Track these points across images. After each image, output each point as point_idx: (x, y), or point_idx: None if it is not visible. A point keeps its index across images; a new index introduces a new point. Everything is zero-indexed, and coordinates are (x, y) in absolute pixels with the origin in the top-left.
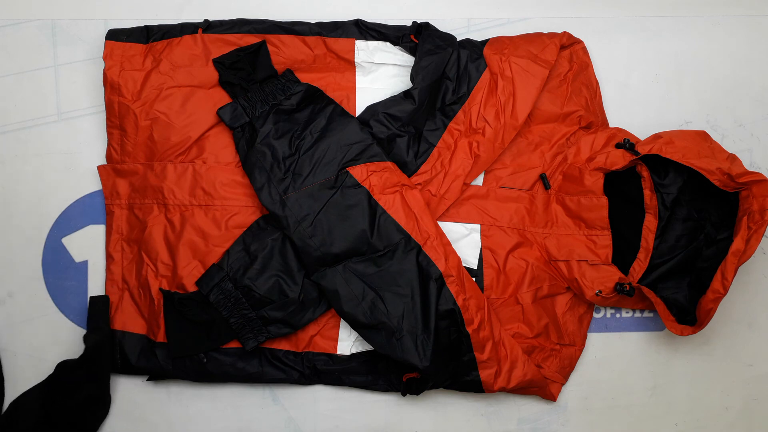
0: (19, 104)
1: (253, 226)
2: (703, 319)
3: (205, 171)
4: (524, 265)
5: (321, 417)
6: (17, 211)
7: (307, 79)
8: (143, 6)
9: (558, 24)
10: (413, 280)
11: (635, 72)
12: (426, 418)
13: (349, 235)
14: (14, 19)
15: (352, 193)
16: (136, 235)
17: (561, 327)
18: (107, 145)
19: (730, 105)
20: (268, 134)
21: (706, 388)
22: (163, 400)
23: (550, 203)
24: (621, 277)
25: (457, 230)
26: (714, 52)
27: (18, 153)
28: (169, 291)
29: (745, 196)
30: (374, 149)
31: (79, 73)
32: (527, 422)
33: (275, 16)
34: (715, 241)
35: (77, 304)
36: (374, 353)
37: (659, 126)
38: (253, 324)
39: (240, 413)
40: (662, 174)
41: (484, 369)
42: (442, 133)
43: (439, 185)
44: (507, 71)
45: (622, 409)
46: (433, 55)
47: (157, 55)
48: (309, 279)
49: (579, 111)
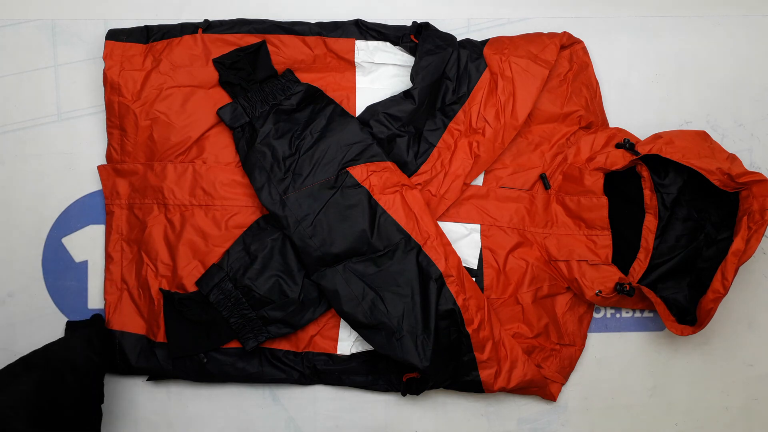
0: (19, 104)
1: (253, 226)
2: (703, 319)
3: (205, 171)
4: (524, 265)
5: (321, 417)
6: (17, 211)
7: (307, 79)
8: (143, 6)
9: (558, 24)
10: (413, 280)
11: (635, 72)
12: (426, 418)
13: (349, 235)
14: (14, 19)
15: (352, 193)
16: (136, 235)
17: (561, 327)
18: (107, 145)
19: (730, 105)
20: (268, 134)
21: (706, 388)
22: (163, 400)
23: (550, 203)
24: (621, 277)
25: (457, 230)
26: (714, 52)
27: (18, 153)
28: (169, 291)
29: (745, 196)
30: (374, 149)
31: (79, 73)
32: (527, 422)
33: (275, 16)
34: (715, 241)
35: (77, 304)
36: (374, 353)
37: (659, 126)
38: (253, 324)
39: (240, 413)
40: (662, 174)
41: (484, 369)
42: (442, 133)
43: (439, 185)
44: (507, 71)
45: (622, 409)
46: (433, 55)
47: (157, 55)
48: (309, 279)
49: (579, 111)
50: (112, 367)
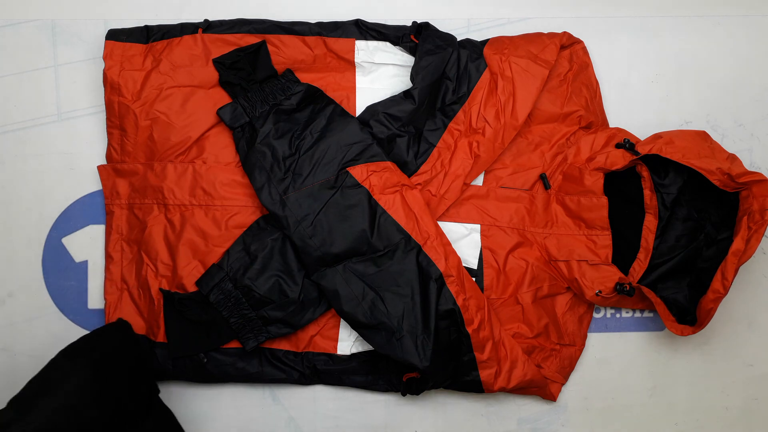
0: (19, 104)
1: (253, 226)
2: (704, 319)
3: (205, 171)
4: (524, 265)
5: (321, 417)
6: (17, 211)
7: (307, 79)
8: (143, 6)
9: (558, 24)
10: (413, 280)
11: (635, 72)
12: (426, 418)
13: (349, 235)
14: (14, 19)
15: (352, 193)
16: (135, 235)
17: (561, 327)
18: (107, 145)
19: (730, 105)
20: (268, 134)
21: (706, 388)
22: (164, 400)
23: (550, 203)
24: (621, 277)
25: (457, 230)
26: (714, 52)
27: (18, 153)
28: (169, 291)
29: (745, 196)
30: (374, 149)
31: (78, 73)
32: (527, 422)
33: (275, 16)
34: (715, 241)
35: (77, 304)
36: (374, 353)
37: (659, 126)
38: (253, 324)
39: (240, 413)
40: (662, 174)
41: (484, 369)
42: (442, 133)
43: (439, 185)
44: (507, 71)
45: (622, 409)
46: (433, 55)
47: (157, 55)
48: (309, 279)
49: (579, 111)
50: None
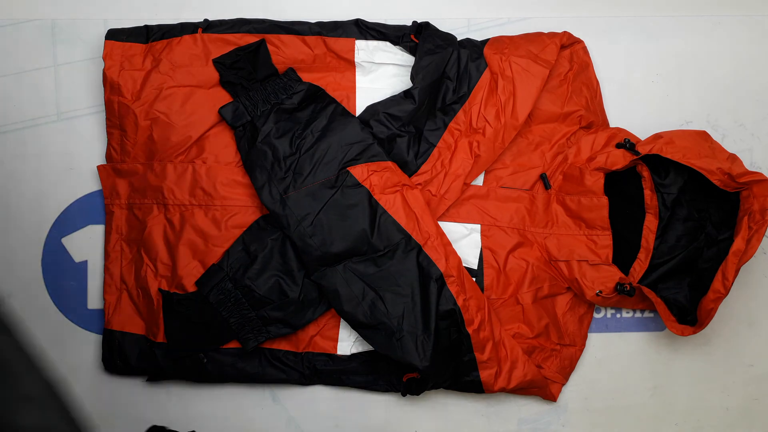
0: (19, 104)
1: (253, 226)
2: (704, 319)
3: (205, 171)
4: (524, 265)
5: (321, 417)
6: (17, 211)
7: (307, 79)
8: (143, 6)
9: (558, 24)
10: (413, 280)
11: (635, 72)
12: (426, 418)
13: (350, 234)
14: (14, 18)
15: (353, 192)
16: (135, 235)
17: (561, 327)
18: (107, 145)
19: (730, 105)
20: (269, 133)
21: (706, 388)
22: (163, 400)
23: (551, 203)
24: (621, 277)
25: (457, 230)
26: (714, 52)
27: (18, 153)
28: (169, 291)
29: (745, 196)
30: (375, 149)
31: (78, 73)
32: (527, 422)
33: (275, 16)
34: (715, 241)
35: (77, 304)
36: (374, 353)
37: (659, 126)
38: (253, 324)
39: (240, 413)
40: (663, 174)
41: (485, 369)
42: (443, 132)
43: (439, 185)
44: (507, 71)
45: (622, 409)
46: (434, 55)
47: (157, 54)
48: (309, 279)
49: (579, 111)
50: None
